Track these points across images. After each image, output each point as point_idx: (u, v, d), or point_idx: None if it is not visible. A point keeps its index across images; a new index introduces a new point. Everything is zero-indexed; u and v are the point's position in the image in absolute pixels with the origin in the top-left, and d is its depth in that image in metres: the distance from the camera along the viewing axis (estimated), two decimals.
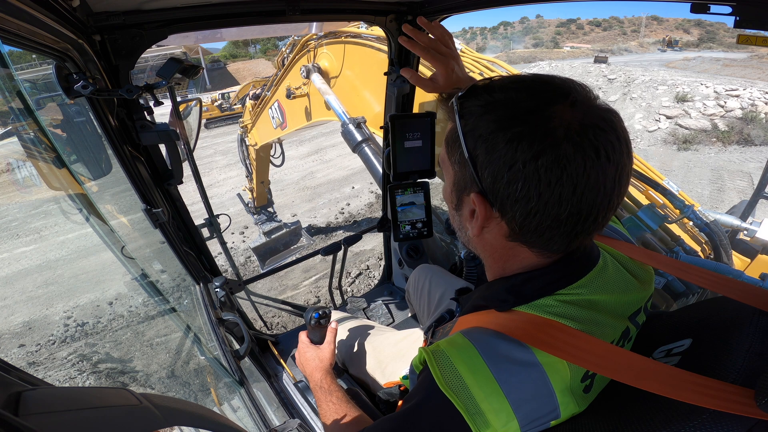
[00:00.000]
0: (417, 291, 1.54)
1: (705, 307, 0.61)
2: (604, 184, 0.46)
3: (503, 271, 0.61)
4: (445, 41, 0.91)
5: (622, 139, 0.47)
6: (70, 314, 4.89)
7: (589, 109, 0.47)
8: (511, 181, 0.48)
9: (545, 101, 0.47)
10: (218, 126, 15.85)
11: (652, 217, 1.55)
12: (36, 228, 7.36)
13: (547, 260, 0.56)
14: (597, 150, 0.45)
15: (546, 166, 0.45)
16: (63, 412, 0.28)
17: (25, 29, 0.63)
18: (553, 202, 0.47)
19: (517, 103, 0.48)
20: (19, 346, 4.44)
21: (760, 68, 23.19)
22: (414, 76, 0.95)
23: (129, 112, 1.04)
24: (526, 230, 0.51)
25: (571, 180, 0.45)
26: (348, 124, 2.29)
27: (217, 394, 2.01)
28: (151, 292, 1.40)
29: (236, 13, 1.09)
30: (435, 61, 0.90)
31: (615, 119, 0.48)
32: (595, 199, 0.47)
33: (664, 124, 11.50)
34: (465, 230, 0.60)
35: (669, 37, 54.07)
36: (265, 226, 5.66)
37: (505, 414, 0.48)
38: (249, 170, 5.18)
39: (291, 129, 3.76)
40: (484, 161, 0.50)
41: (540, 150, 0.45)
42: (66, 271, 5.93)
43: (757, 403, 0.39)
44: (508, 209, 0.50)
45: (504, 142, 0.47)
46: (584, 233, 0.51)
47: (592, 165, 0.45)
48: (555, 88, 0.49)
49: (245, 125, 4.74)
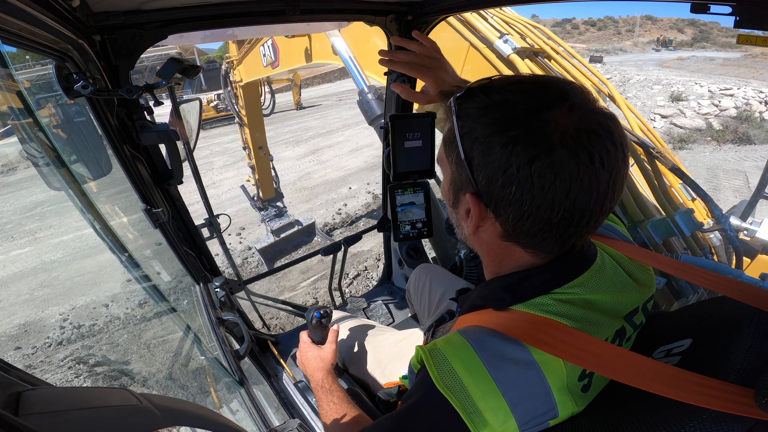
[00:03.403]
0: (417, 291, 1.54)
1: (705, 307, 0.62)
2: (597, 188, 0.47)
3: (499, 270, 0.61)
4: (429, 52, 0.90)
5: (618, 144, 0.47)
6: (66, 316, 4.85)
7: (586, 113, 0.47)
8: (506, 184, 0.48)
9: (542, 104, 0.47)
10: (215, 126, 15.75)
11: (688, 223, 1.47)
12: (31, 230, 7.29)
13: (541, 260, 0.57)
14: (591, 155, 0.46)
15: (540, 171, 0.46)
16: (63, 412, 0.28)
17: (25, 29, 0.63)
18: (545, 206, 0.47)
19: (514, 105, 0.48)
20: (15, 349, 4.40)
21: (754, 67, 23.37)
22: (405, 91, 0.95)
23: (129, 112, 1.04)
24: (519, 232, 0.52)
25: (565, 185, 0.46)
26: (367, 93, 2.05)
27: (217, 394, 2.01)
28: (151, 293, 1.40)
29: (236, 13, 1.09)
30: (421, 74, 0.89)
31: (612, 124, 0.48)
32: (588, 203, 0.48)
33: (659, 124, 11.57)
34: (461, 228, 0.61)
35: (663, 36, 54.34)
36: (273, 223, 4.89)
37: (503, 413, 0.49)
38: (241, 119, 4.55)
39: (283, 68, 3.53)
40: (479, 164, 0.50)
41: (535, 155, 0.46)
42: (62, 273, 5.88)
43: (757, 403, 0.40)
44: (501, 211, 0.51)
45: (499, 146, 0.48)
46: (576, 235, 0.52)
47: (586, 170, 0.46)
48: (553, 91, 0.49)
49: (231, 60, 4.33)
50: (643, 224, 1.49)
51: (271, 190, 4.89)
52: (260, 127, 4.62)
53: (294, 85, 15.30)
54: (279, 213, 5.01)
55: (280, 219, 4.94)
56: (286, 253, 4.88)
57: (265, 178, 4.79)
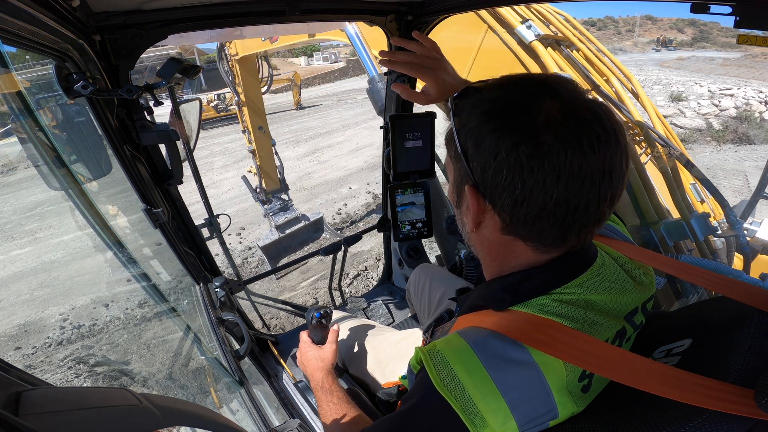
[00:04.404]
0: (417, 291, 1.54)
1: (705, 307, 0.62)
2: (590, 173, 0.47)
3: (500, 270, 0.61)
4: (429, 53, 0.90)
5: (609, 130, 0.47)
6: (66, 316, 4.85)
7: (573, 102, 0.48)
8: (497, 170, 0.49)
9: (530, 95, 0.49)
10: (215, 126, 15.75)
11: (703, 227, 1.45)
12: (31, 230, 7.29)
13: (543, 257, 0.56)
14: (579, 138, 0.46)
15: (527, 154, 0.47)
16: (63, 412, 0.28)
17: (25, 29, 0.63)
18: (537, 190, 0.48)
19: (503, 98, 0.51)
20: (15, 349, 4.40)
21: (754, 67, 23.37)
22: (405, 91, 0.95)
23: (129, 112, 1.04)
24: (516, 221, 0.52)
25: (554, 168, 0.46)
26: (377, 81, 2.01)
27: (217, 394, 2.01)
28: (151, 293, 1.40)
29: (236, 13, 1.09)
30: (422, 75, 0.90)
31: (602, 111, 0.48)
32: (581, 188, 0.47)
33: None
34: (464, 227, 0.61)
35: (663, 36, 54.33)
36: (277, 217, 4.38)
37: (503, 414, 0.49)
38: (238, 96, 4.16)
39: (282, 43, 3.45)
40: (473, 154, 0.52)
41: (519, 139, 0.47)
42: (62, 274, 5.88)
43: (757, 403, 0.40)
44: (497, 199, 0.52)
45: (489, 134, 0.50)
46: (576, 225, 0.51)
47: (574, 153, 0.46)
48: (540, 84, 0.51)
49: None
50: (657, 225, 1.47)
51: (274, 180, 4.38)
52: (259, 105, 4.28)
53: (294, 85, 15.31)
54: (284, 207, 4.47)
55: (285, 213, 4.41)
56: (290, 251, 4.42)
57: (268, 165, 4.29)
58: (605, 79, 1.87)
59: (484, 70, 1.87)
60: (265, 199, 4.45)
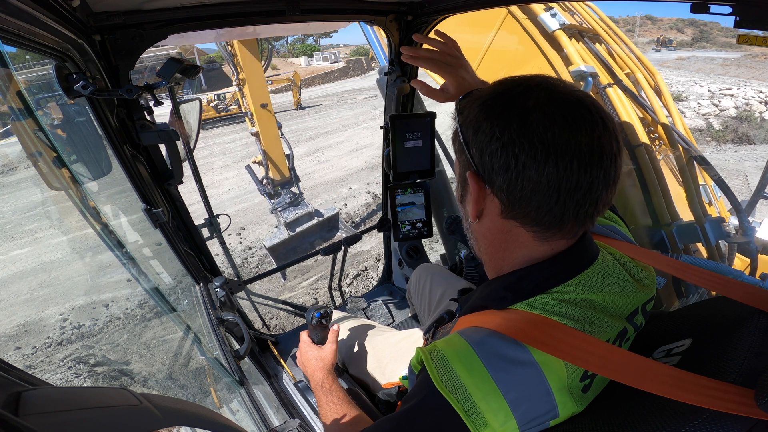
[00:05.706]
0: (418, 291, 1.54)
1: (705, 307, 0.62)
2: (578, 150, 0.48)
3: (502, 264, 0.61)
4: (450, 50, 0.91)
5: (594, 113, 0.50)
6: (66, 316, 4.85)
7: (561, 91, 0.52)
8: (493, 152, 0.52)
9: (524, 88, 0.54)
10: (215, 126, 15.73)
11: (716, 231, 1.45)
12: (31, 230, 7.29)
13: (543, 247, 0.56)
14: (565, 117, 0.49)
15: (518, 132, 0.50)
16: (63, 412, 0.29)
17: (25, 29, 0.63)
18: (529, 164, 0.50)
19: (499, 92, 0.56)
20: (15, 349, 4.40)
21: (754, 67, 23.37)
22: (424, 87, 0.95)
23: (129, 112, 1.04)
24: (513, 199, 0.53)
25: (542, 142, 0.49)
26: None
27: (217, 394, 2.01)
28: (151, 293, 1.40)
29: (236, 13, 1.09)
30: (442, 72, 0.91)
31: (586, 98, 0.52)
32: (571, 165, 0.48)
33: None
34: (467, 218, 0.63)
35: (663, 36, 54.31)
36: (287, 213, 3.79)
37: (503, 413, 0.49)
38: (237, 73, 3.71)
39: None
40: (472, 141, 0.55)
41: (512, 120, 0.51)
42: (62, 274, 5.88)
43: (757, 403, 0.40)
44: (494, 178, 0.53)
45: (485, 120, 0.54)
46: (572, 204, 0.51)
47: (561, 129, 0.49)
48: (534, 81, 0.55)
49: None
50: (669, 227, 1.46)
51: (283, 169, 3.80)
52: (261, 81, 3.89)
53: (294, 85, 15.30)
54: (294, 201, 3.86)
55: (296, 208, 3.79)
56: (300, 252, 3.82)
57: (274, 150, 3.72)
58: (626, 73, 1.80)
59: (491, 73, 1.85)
60: (272, 192, 3.89)
